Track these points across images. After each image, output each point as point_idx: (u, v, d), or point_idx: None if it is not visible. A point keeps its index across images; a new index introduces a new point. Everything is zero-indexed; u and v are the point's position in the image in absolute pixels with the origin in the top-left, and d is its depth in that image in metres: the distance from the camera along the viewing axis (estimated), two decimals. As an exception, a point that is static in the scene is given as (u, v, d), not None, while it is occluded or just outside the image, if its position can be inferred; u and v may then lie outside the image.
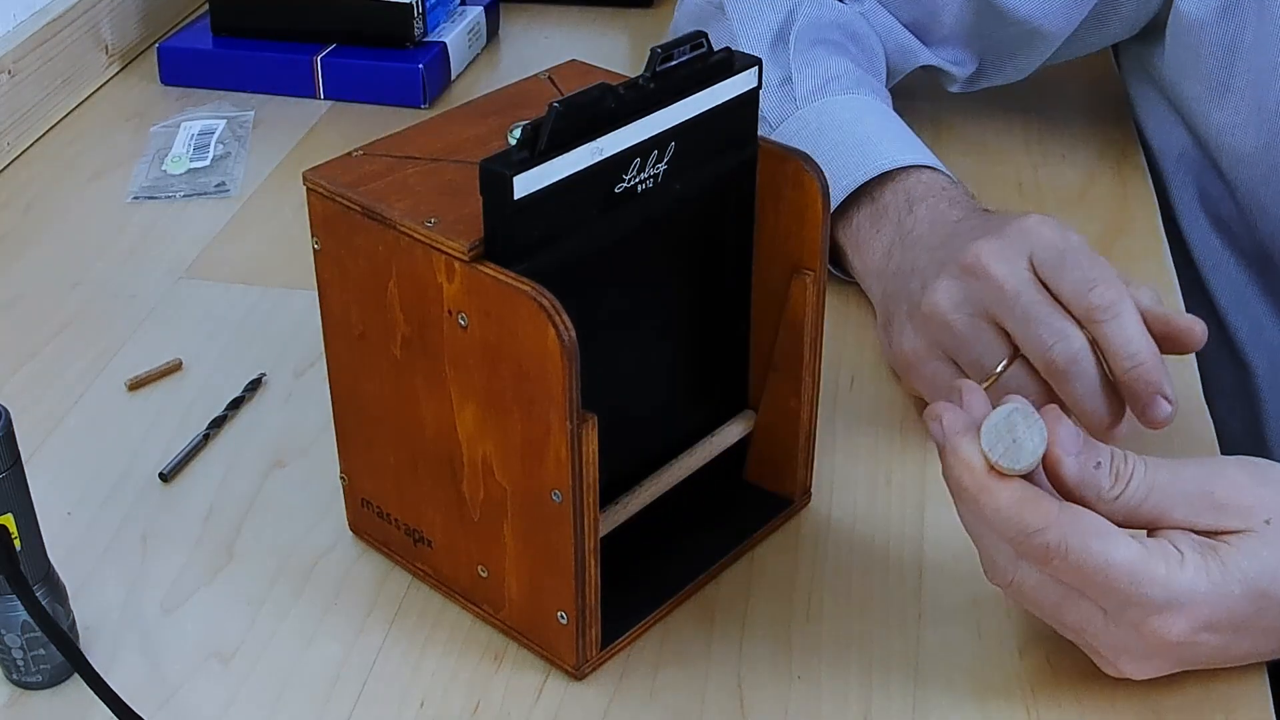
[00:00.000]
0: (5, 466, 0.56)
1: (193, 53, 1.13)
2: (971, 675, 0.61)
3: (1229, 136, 0.89)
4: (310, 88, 1.11)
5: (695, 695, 0.60)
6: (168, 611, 0.65)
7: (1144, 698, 0.60)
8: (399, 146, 0.62)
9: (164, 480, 0.72)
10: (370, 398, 0.62)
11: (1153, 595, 0.55)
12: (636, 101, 0.57)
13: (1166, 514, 0.57)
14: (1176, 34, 0.90)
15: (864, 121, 0.85)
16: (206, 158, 1.02)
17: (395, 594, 0.65)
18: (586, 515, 0.57)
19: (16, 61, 1.03)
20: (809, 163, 0.63)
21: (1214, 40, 0.87)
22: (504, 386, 0.56)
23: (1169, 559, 0.56)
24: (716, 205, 0.63)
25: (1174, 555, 0.56)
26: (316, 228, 0.61)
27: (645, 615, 0.63)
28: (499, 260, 0.54)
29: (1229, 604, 0.56)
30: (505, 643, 0.63)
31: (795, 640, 0.63)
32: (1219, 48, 0.87)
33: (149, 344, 0.82)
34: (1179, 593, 0.55)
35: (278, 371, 0.80)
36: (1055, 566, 0.56)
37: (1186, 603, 0.56)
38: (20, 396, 0.78)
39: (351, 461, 0.66)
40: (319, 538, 0.69)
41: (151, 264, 0.90)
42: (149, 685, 0.61)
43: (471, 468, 0.59)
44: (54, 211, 0.97)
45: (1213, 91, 0.88)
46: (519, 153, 0.53)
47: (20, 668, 0.60)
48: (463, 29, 1.15)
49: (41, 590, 0.59)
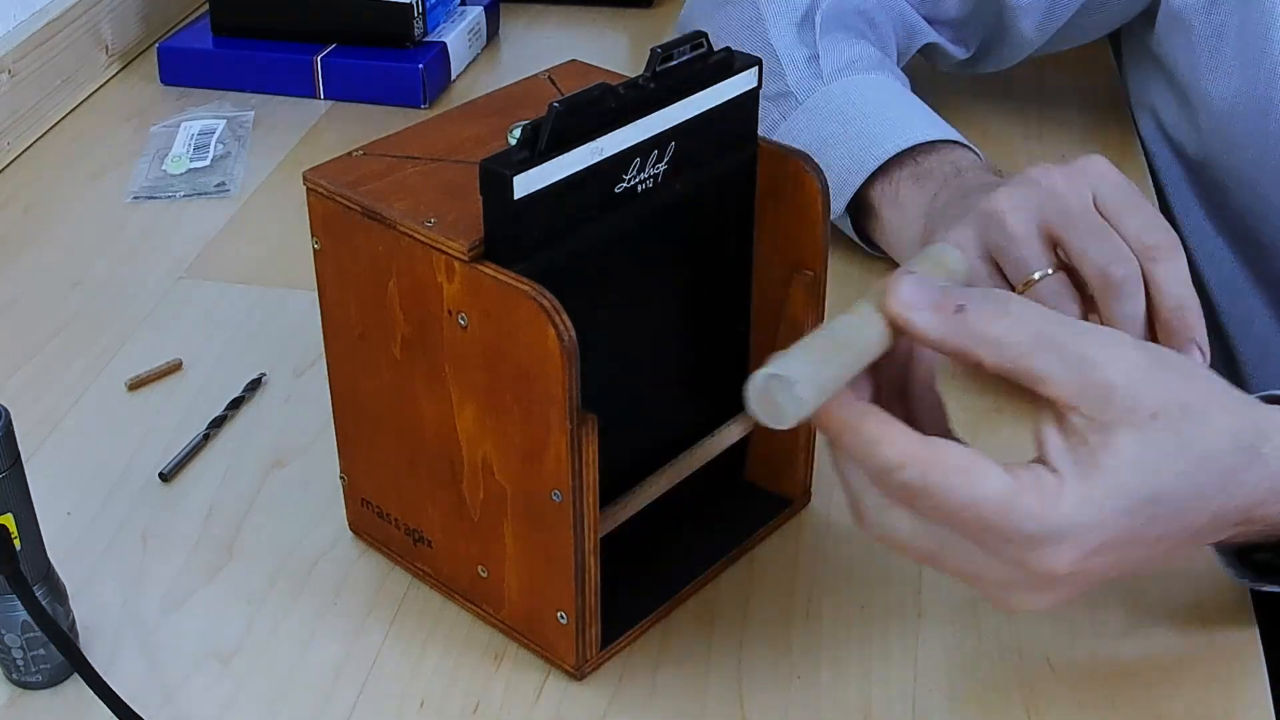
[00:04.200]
0: (5, 466, 0.56)
1: (193, 53, 1.13)
2: (971, 675, 0.61)
3: (1221, 122, 0.89)
4: (310, 88, 1.11)
5: (695, 695, 0.60)
6: (167, 611, 0.65)
7: (1144, 698, 0.60)
8: (399, 146, 0.62)
9: (164, 480, 0.72)
10: (370, 398, 0.62)
11: (1030, 529, 0.51)
12: (636, 101, 0.57)
13: (1051, 379, 0.52)
14: (1167, 21, 0.91)
15: (895, 99, 0.86)
16: (206, 158, 1.02)
17: (395, 594, 0.65)
18: (586, 515, 0.57)
19: (16, 61, 1.03)
20: (809, 163, 0.63)
21: (1203, 27, 0.88)
22: (504, 386, 0.56)
23: (1044, 489, 0.52)
24: (716, 205, 0.63)
25: (1049, 483, 0.52)
26: (316, 228, 0.61)
27: (645, 615, 0.63)
28: (499, 260, 0.54)
29: (1116, 523, 0.52)
30: (505, 643, 0.63)
31: (795, 640, 0.63)
32: (1208, 35, 0.88)
33: (149, 344, 0.82)
34: (1059, 525, 0.51)
35: (278, 371, 0.80)
36: (919, 506, 0.53)
37: (1070, 533, 0.52)
38: (20, 396, 0.78)
39: (351, 461, 0.66)
40: (319, 538, 0.69)
41: (151, 264, 0.90)
42: (149, 685, 0.61)
43: (471, 468, 0.59)
44: (54, 211, 0.97)
45: (1203, 77, 0.89)
46: (519, 153, 0.53)
47: (20, 668, 0.60)
48: (463, 29, 1.15)
49: (41, 590, 0.59)
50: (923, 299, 0.53)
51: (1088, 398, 0.52)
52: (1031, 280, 0.67)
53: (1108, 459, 0.52)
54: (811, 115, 0.86)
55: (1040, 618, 0.63)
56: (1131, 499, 0.52)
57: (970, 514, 0.52)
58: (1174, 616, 0.63)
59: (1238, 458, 0.55)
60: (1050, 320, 0.53)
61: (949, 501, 0.52)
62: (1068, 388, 0.52)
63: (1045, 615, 0.63)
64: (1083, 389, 0.52)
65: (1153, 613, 0.63)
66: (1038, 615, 0.63)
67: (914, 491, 0.52)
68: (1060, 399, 0.53)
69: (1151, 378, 0.54)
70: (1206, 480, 0.54)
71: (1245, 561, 0.63)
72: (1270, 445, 0.56)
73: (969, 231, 0.71)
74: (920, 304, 0.53)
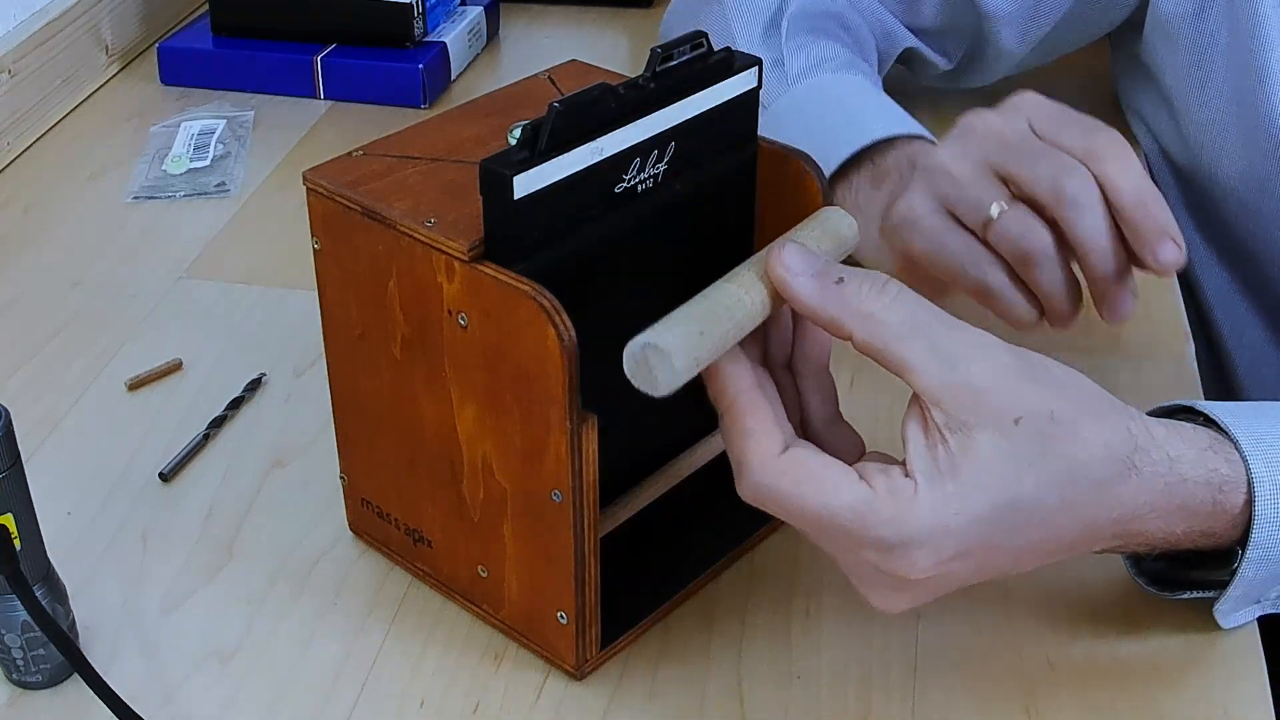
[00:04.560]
0: (5, 466, 0.56)
1: (193, 53, 1.13)
2: (971, 675, 0.61)
3: (1209, 131, 0.89)
4: (310, 88, 1.11)
5: (695, 695, 0.60)
6: (167, 611, 0.65)
7: (1144, 698, 0.60)
8: (399, 146, 0.62)
9: (164, 480, 0.72)
10: (370, 398, 0.62)
11: (885, 536, 0.51)
12: (636, 101, 0.57)
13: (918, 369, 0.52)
14: (1155, 30, 0.90)
15: (858, 96, 0.85)
16: (206, 158, 1.02)
17: (395, 594, 0.65)
18: (586, 515, 0.57)
19: (16, 61, 1.03)
20: (809, 163, 0.63)
21: (1190, 37, 0.87)
22: (504, 386, 0.56)
23: (898, 496, 0.52)
24: (716, 205, 0.63)
25: (904, 489, 0.52)
26: (316, 228, 0.61)
27: (645, 615, 0.63)
28: (499, 260, 0.54)
29: (973, 530, 0.52)
30: (505, 643, 0.63)
31: (795, 640, 0.63)
32: (1195, 45, 0.87)
33: (149, 344, 0.82)
34: (914, 532, 0.51)
35: (278, 371, 0.80)
36: (770, 509, 0.53)
37: (925, 540, 0.51)
38: (20, 396, 0.78)
39: (351, 461, 0.66)
40: (319, 538, 0.69)
41: (151, 264, 0.90)
42: (149, 685, 0.61)
43: (471, 468, 0.59)
44: (54, 211, 0.97)
45: (1191, 87, 0.89)
46: (519, 153, 0.53)
47: (20, 667, 0.60)
48: (463, 29, 1.15)
49: (41, 590, 0.59)
50: (806, 266, 0.54)
51: (952, 395, 0.52)
52: (990, 219, 0.66)
53: (965, 463, 0.52)
54: (778, 120, 0.85)
55: (1040, 618, 0.63)
56: (988, 505, 0.52)
57: (826, 521, 0.52)
58: (1174, 616, 0.63)
59: (1109, 469, 0.54)
60: (926, 310, 0.53)
61: (803, 512, 0.53)
62: (933, 380, 0.52)
63: (1045, 615, 0.64)
64: (947, 385, 0.52)
65: (1153, 613, 0.63)
66: (1037, 615, 0.64)
67: (765, 499, 0.53)
68: (925, 391, 0.53)
69: (1019, 383, 0.53)
70: (1074, 491, 0.54)
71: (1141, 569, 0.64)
72: (1145, 458, 0.55)
73: (918, 193, 0.69)
74: (803, 270, 0.53)
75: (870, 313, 0.53)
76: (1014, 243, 0.66)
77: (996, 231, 0.66)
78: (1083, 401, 0.55)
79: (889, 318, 0.53)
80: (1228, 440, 0.59)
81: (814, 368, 0.59)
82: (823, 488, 0.52)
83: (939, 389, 0.52)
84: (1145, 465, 0.55)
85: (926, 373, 0.52)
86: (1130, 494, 0.55)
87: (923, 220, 0.69)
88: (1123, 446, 0.55)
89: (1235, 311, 0.98)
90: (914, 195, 0.70)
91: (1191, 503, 0.57)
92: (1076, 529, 0.55)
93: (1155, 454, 0.56)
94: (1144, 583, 0.63)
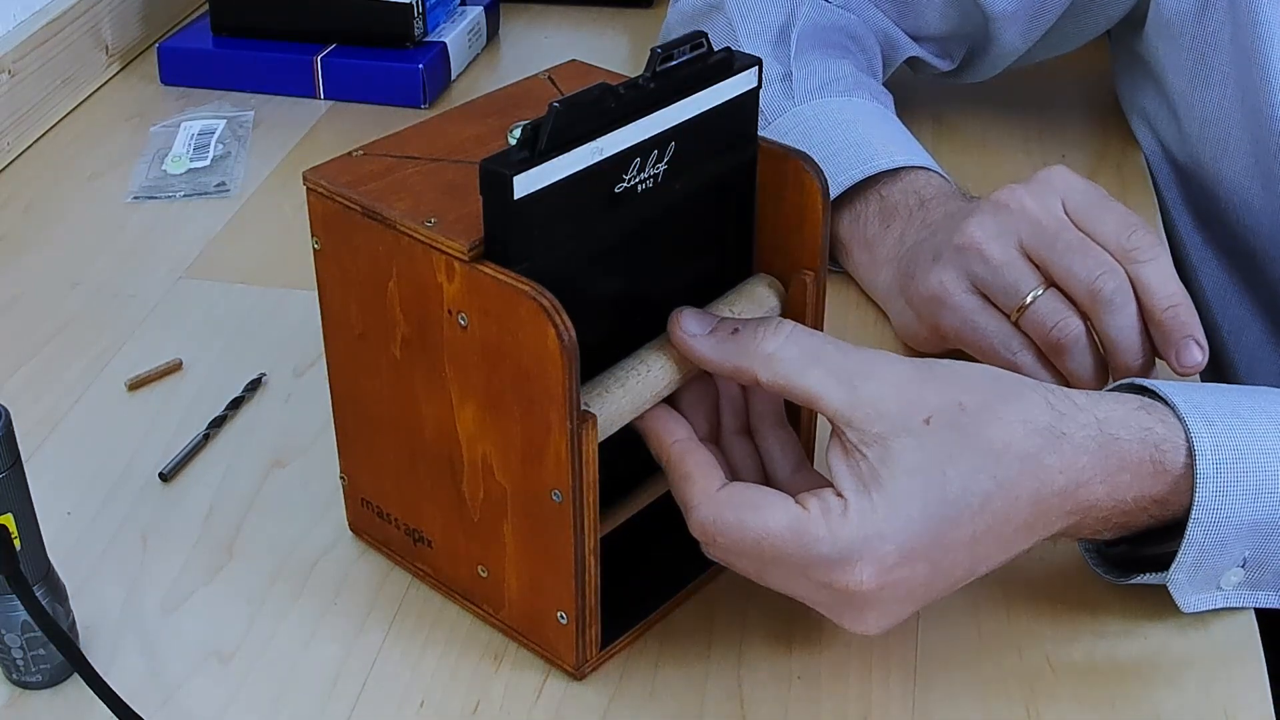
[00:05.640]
0: (5, 466, 0.56)
1: (193, 53, 1.13)
2: (971, 675, 0.61)
3: (1210, 130, 0.89)
4: (310, 88, 1.11)
5: (695, 695, 0.60)
6: (167, 611, 0.65)
7: (1144, 698, 0.60)
8: (399, 146, 0.62)
9: (164, 480, 0.72)
10: (370, 397, 0.62)
11: (824, 552, 0.53)
12: (636, 101, 0.57)
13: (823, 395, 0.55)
14: (1156, 28, 0.90)
15: (862, 123, 0.85)
16: (206, 158, 1.02)
17: (395, 594, 0.65)
18: (586, 515, 0.57)
19: (16, 61, 1.03)
20: (809, 163, 0.63)
21: (1192, 36, 0.87)
22: (504, 386, 0.56)
23: (829, 513, 0.54)
24: (716, 205, 0.63)
25: (835, 506, 0.54)
26: (316, 228, 0.61)
27: (645, 615, 0.63)
28: (499, 260, 0.54)
29: (909, 531, 0.54)
30: (505, 643, 0.63)
31: (795, 640, 0.63)
32: (1197, 44, 0.87)
33: (149, 344, 0.82)
34: (849, 544, 0.53)
35: (278, 371, 0.80)
36: (719, 545, 0.56)
37: (863, 548, 0.53)
38: (20, 396, 0.78)
39: (351, 461, 0.66)
40: (319, 538, 0.69)
41: (151, 264, 0.90)
42: (149, 685, 0.61)
43: (471, 468, 0.59)
44: (54, 211, 0.97)
45: (1193, 86, 0.89)
46: (519, 153, 0.53)
47: (20, 667, 0.60)
48: (463, 29, 1.15)
49: (41, 590, 0.59)
50: (701, 326, 0.58)
51: (859, 412, 0.54)
52: (1025, 304, 0.68)
53: (886, 471, 0.54)
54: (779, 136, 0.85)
55: (1040, 618, 0.63)
56: (918, 506, 0.54)
57: (766, 545, 0.54)
58: (1174, 616, 0.63)
59: (1034, 441, 0.55)
60: (821, 340, 0.56)
61: (744, 538, 0.55)
62: (838, 402, 0.55)
63: (1045, 615, 0.64)
64: (853, 404, 0.55)
65: (1153, 613, 0.63)
66: (1038, 615, 0.63)
67: (707, 531, 0.56)
68: (834, 415, 0.55)
69: (921, 387, 0.55)
70: (1004, 471, 0.55)
71: (1107, 559, 0.64)
72: (1071, 423, 0.56)
73: (950, 270, 0.72)
74: (698, 330, 0.58)
75: (769, 353, 0.56)
76: (1046, 331, 0.69)
77: (1029, 318, 0.69)
78: (990, 387, 0.57)
79: (785, 354, 0.56)
80: (1161, 403, 0.59)
81: (770, 424, 0.62)
82: (759, 512, 0.55)
83: (846, 409, 0.55)
84: (1073, 430, 0.56)
85: (831, 396, 0.55)
86: (1065, 461, 0.56)
87: (954, 298, 0.72)
88: (1042, 417, 0.56)
89: (1234, 312, 0.98)
90: (946, 272, 0.72)
91: (1130, 461, 0.57)
92: (1023, 509, 0.56)
93: (1081, 418, 0.57)
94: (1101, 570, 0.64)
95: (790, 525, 0.54)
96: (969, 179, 0.85)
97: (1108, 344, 0.68)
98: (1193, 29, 0.87)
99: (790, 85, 0.88)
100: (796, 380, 0.55)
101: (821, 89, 0.87)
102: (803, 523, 0.54)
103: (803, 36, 0.90)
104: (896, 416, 0.54)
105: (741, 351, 0.56)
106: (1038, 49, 0.98)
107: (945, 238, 0.73)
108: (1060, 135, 1.04)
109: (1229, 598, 0.62)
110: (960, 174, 0.85)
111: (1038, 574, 0.65)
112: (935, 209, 0.79)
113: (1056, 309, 0.68)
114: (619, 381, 0.58)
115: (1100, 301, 0.67)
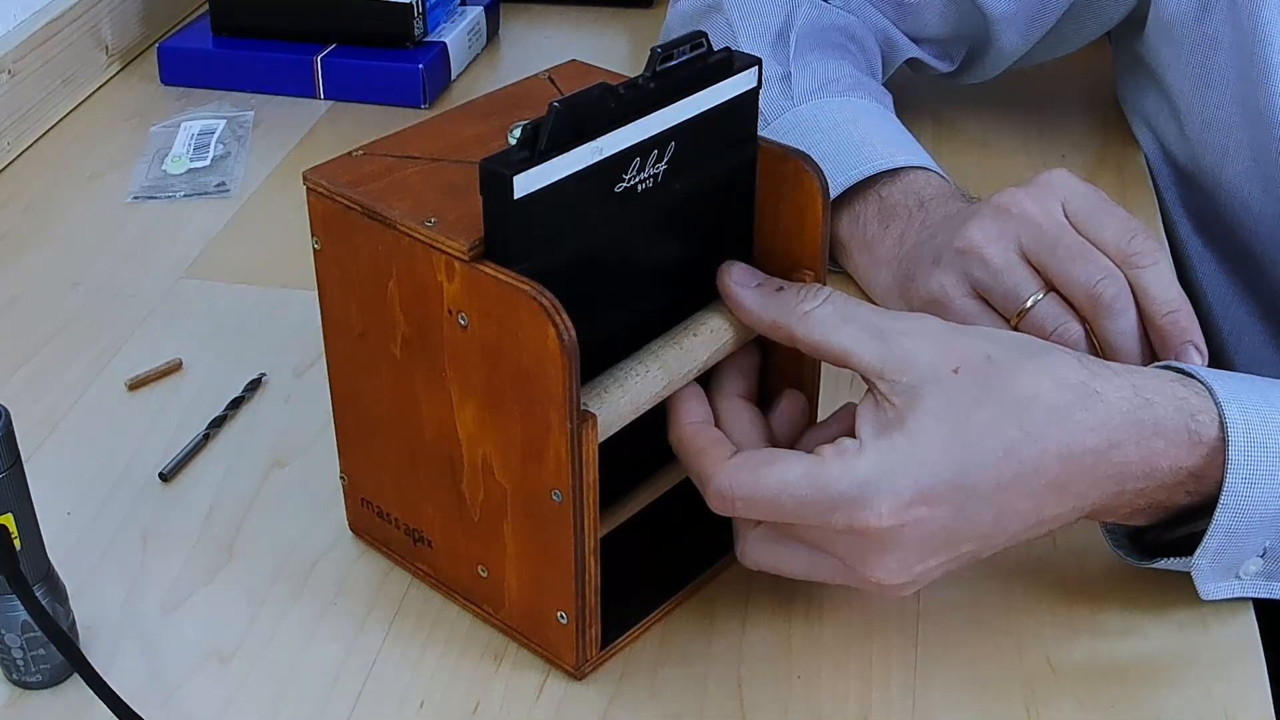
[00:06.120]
0: (5, 466, 0.56)
1: (193, 53, 1.13)
2: (971, 675, 0.61)
3: (1211, 132, 0.89)
4: (310, 88, 1.11)
5: (695, 695, 0.60)
6: (167, 611, 0.65)
7: (1144, 698, 0.60)
8: (399, 146, 0.62)
9: (164, 480, 0.72)
10: (370, 397, 0.62)
11: (842, 490, 0.54)
12: (636, 101, 0.57)
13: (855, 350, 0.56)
14: (1157, 30, 0.90)
15: (862, 123, 0.85)
16: (206, 158, 1.02)
17: (395, 594, 0.65)
18: (586, 515, 0.57)
19: (16, 61, 1.03)
20: (809, 162, 0.63)
21: (1193, 38, 0.87)
22: (504, 386, 0.56)
23: (844, 453, 0.55)
24: (716, 205, 0.63)
25: (850, 447, 0.55)
26: (316, 228, 0.61)
27: (645, 615, 0.63)
28: (499, 260, 0.54)
29: (929, 469, 0.54)
30: (505, 643, 0.63)
31: (795, 640, 0.63)
32: (1198, 46, 0.87)
33: (149, 344, 0.82)
34: (865, 477, 0.54)
35: (278, 371, 0.80)
36: (739, 509, 0.56)
37: (880, 482, 0.54)
38: (20, 396, 0.78)
39: (351, 461, 0.66)
40: (319, 538, 0.69)
41: (151, 264, 0.90)
42: (149, 685, 0.61)
43: (471, 467, 0.59)
44: (54, 211, 0.97)
45: (1194, 87, 0.89)
46: (519, 153, 0.53)
47: (20, 668, 0.60)
48: (463, 29, 1.15)
49: (41, 590, 0.59)
50: (749, 279, 0.61)
51: (890, 363, 0.56)
52: (1025, 309, 0.68)
53: (910, 415, 0.55)
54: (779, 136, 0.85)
55: (1040, 618, 0.63)
56: (940, 446, 0.54)
57: (786, 498, 0.55)
58: (1174, 616, 0.63)
59: (1065, 395, 0.56)
60: (856, 303, 0.58)
61: (763, 494, 0.55)
62: (870, 356, 0.56)
63: (1045, 615, 0.64)
64: (884, 356, 0.56)
65: (1153, 613, 0.63)
66: (1038, 615, 0.63)
67: (726, 497, 0.56)
68: (866, 368, 0.56)
69: (952, 339, 0.57)
70: (1032, 422, 0.55)
71: (1140, 544, 0.64)
72: (1106, 383, 0.57)
73: (950, 274, 0.72)
74: (747, 282, 0.60)
75: (806, 311, 0.58)
76: (1046, 335, 0.69)
77: (1029, 323, 0.69)
78: (1020, 345, 0.58)
79: (822, 313, 0.58)
80: (1190, 377, 0.60)
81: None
82: (774, 466, 0.56)
83: (878, 361, 0.56)
84: (1108, 390, 0.57)
85: (863, 351, 0.57)
86: (1098, 420, 0.56)
87: (954, 302, 0.72)
88: (1074, 374, 0.57)
89: (1234, 315, 0.98)
90: (946, 276, 0.72)
91: (1165, 427, 0.57)
92: (1051, 463, 0.56)
93: (1117, 380, 0.57)
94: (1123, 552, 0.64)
95: (806, 471, 0.55)
96: (969, 179, 0.85)
97: (1107, 349, 0.68)
98: (1193, 31, 0.87)
99: (789, 85, 0.88)
100: (831, 337, 0.57)
101: (821, 89, 0.87)
102: (819, 465, 0.55)
103: (802, 37, 0.90)
104: (926, 367, 0.56)
105: (782, 307, 0.59)
106: (1038, 50, 0.98)
107: (945, 241, 0.73)
108: (1060, 136, 1.04)
109: (1246, 587, 0.62)
110: (960, 174, 0.85)
111: (1038, 574, 0.65)
112: (935, 210, 0.79)
113: (1056, 313, 0.69)
114: (619, 382, 0.58)
115: (1100, 306, 0.67)
